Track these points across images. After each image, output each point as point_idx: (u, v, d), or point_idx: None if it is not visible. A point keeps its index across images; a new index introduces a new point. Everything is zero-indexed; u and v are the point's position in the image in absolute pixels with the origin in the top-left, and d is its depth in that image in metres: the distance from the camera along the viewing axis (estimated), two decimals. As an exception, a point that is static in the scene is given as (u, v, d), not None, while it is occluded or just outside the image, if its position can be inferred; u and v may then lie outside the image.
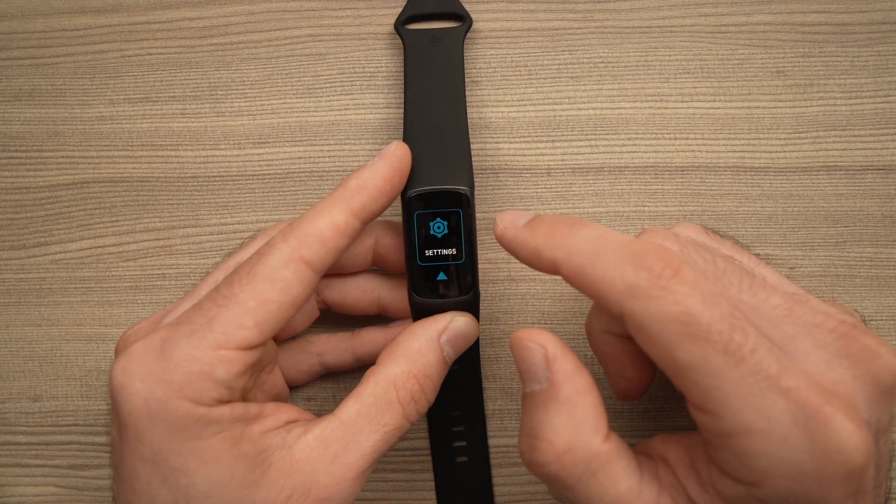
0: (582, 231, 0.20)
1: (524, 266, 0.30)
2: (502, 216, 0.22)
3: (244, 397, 0.24)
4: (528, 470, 0.21)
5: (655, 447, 0.22)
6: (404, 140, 0.26)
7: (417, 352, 0.24)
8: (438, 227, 0.25)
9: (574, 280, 0.20)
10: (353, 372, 0.30)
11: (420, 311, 0.25)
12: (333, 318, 0.29)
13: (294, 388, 0.30)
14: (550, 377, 0.20)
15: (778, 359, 0.18)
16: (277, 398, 0.27)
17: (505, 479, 0.30)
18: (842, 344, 0.19)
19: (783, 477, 0.17)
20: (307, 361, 0.28)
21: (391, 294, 0.27)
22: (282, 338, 0.28)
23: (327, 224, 0.23)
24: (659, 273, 0.18)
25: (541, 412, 0.20)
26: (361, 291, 0.27)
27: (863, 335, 0.19)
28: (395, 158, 0.24)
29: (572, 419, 0.20)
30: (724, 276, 0.20)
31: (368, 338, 0.28)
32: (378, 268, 0.28)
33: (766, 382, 0.17)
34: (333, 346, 0.28)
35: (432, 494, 0.30)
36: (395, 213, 0.29)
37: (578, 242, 0.20)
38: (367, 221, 0.24)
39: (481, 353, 0.30)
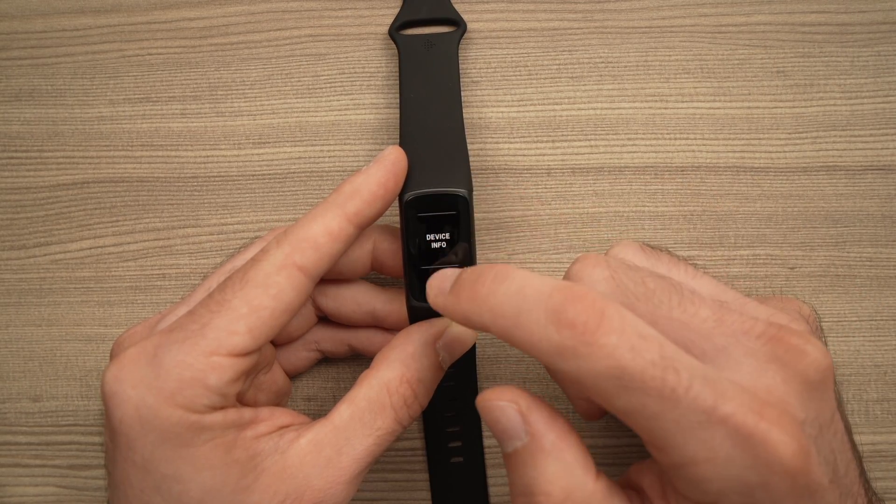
0: (501, 288, 0.19)
1: (524, 266, 0.30)
2: (430, 283, 0.22)
3: (241, 399, 0.24)
4: None
5: (632, 478, 0.22)
6: (401, 144, 0.26)
7: (412, 356, 0.24)
8: (437, 230, 0.25)
9: (507, 342, 0.19)
10: (354, 372, 0.30)
11: (417, 316, 0.25)
12: (333, 318, 0.29)
13: (295, 388, 0.30)
14: (531, 429, 0.20)
15: (713, 387, 0.18)
16: (279, 395, 0.27)
17: (502, 480, 0.30)
18: (770, 348, 0.19)
19: (736, 494, 0.18)
20: (304, 349, 0.28)
21: (386, 307, 0.27)
22: (279, 343, 0.28)
23: (321, 229, 0.23)
24: (583, 328, 0.18)
25: (529, 467, 0.20)
26: (356, 304, 0.27)
27: (789, 336, 0.19)
28: (389, 163, 0.24)
29: (563, 465, 0.20)
30: (653, 295, 0.20)
31: (366, 335, 0.28)
32: (377, 274, 0.28)
33: (705, 416, 0.17)
34: (330, 336, 0.28)
35: (430, 494, 0.30)
36: (395, 216, 0.29)
37: (500, 303, 0.19)
38: (363, 226, 0.24)
39: (481, 353, 0.30)
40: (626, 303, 0.20)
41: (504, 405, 0.20)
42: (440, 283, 0.21)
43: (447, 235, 0.25)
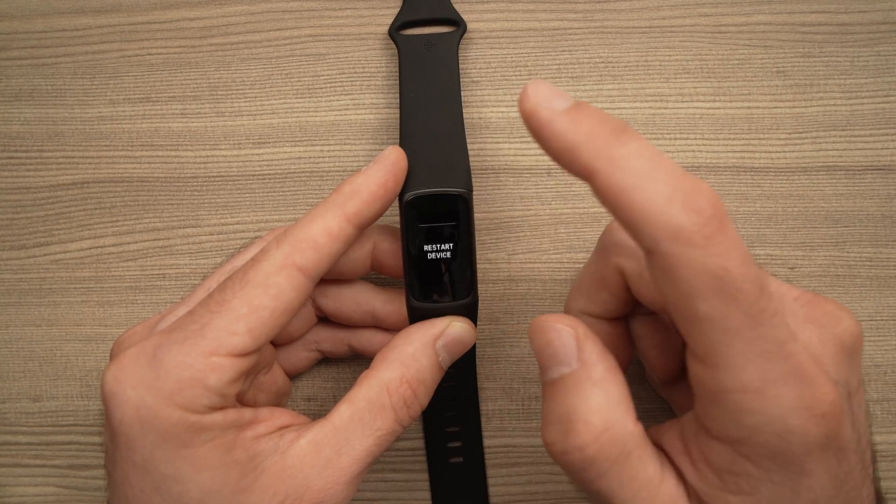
0: (632, 144, 0.17)
1: (524, 266, 0.30)
2: (536, 88, 0.18)
3: (241, 399, 0.24)
4: (558, 459, 0.20)
5: (652, 437, 0.21)
6: (401, 144, 0.26)
7: (412, 356, 0.24)
8: (436, 230, 0.25)
9: (609, 197, 0.17)
10: (354, 372, 0.30)
11: (417, 316, 0.25)
12: (333, 318, 0.29)
13: (295, 388, 0.30)
14: (583, 357, 0.20)
15: (790, 325, 0.18)
16: (278, 395, 0.27)
17: (502, 480, 0.30)
18: (807, 310, 0.20)
19: (770, 434, 0.18)
20: (304, 349, 0.28)
21: (386, 307, 0.27)
22: (279, 343, 0.28)
23: (321, 230, 0.23)
24: (708, 219, 0.17)
25: (573, 395, 0.20)
26: (356, 304, 0.27)
27: (825, 302, 0.20)
28: (389, 163, 0.24)
29: (608, 398, 0.19)
30: None
31: (365, 335, 0.28)
32: (377, 274, 0.28)
33: (774, 347, 0.17)
34: (330, 336, 0.28)
35: (430, 494, 0.30)
36: (395, 216, 0.29)
37: (627, 157, 0.17)
38: (363, 227, 0.24)
39: (481, 353, 0.30)
40: None
41: (561, 328, 0.20)
42: (549, 93, 0.18)
43: (447, 235, 0.25)
